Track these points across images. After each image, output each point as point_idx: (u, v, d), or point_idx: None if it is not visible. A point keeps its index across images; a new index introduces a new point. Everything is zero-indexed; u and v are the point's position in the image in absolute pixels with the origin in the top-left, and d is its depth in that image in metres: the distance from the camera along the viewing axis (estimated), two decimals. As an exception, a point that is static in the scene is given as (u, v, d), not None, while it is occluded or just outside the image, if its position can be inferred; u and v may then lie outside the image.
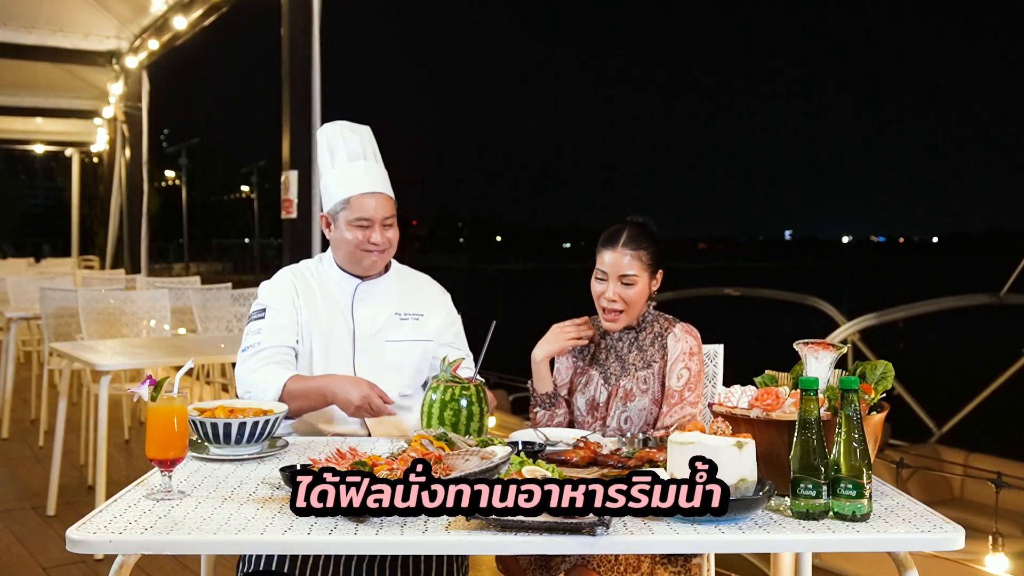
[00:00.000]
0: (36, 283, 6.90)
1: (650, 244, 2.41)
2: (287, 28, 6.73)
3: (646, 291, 2.41)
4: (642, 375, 2.41)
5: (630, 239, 2.39)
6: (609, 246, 2.41)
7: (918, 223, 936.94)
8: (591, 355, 2.51)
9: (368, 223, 2.43)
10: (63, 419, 4.41)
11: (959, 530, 1.56)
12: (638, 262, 2.38)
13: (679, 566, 2.06)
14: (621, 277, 2.38)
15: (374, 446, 2.09)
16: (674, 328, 2.44)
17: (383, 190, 2.48)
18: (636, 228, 2.42)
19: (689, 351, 2.40)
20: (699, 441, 1.63)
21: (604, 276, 2.40)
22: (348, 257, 2.48)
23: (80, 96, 13.07)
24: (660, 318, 2.48)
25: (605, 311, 2.41)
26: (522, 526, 1.52)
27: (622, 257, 2.38)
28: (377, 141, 2.56)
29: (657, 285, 2.46)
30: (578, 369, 2.52)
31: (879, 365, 1.86)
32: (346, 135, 2.49)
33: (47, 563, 3.82)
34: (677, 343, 2.41)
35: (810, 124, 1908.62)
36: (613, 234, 2.42)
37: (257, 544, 1.56)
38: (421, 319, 2.53)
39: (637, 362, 2.43)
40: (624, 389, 2.41)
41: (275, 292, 2.50)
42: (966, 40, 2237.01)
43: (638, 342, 2.46)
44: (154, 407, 1.76)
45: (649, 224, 2.47)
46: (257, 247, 46.42)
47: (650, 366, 2.42)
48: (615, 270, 2.38)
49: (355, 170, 2.46)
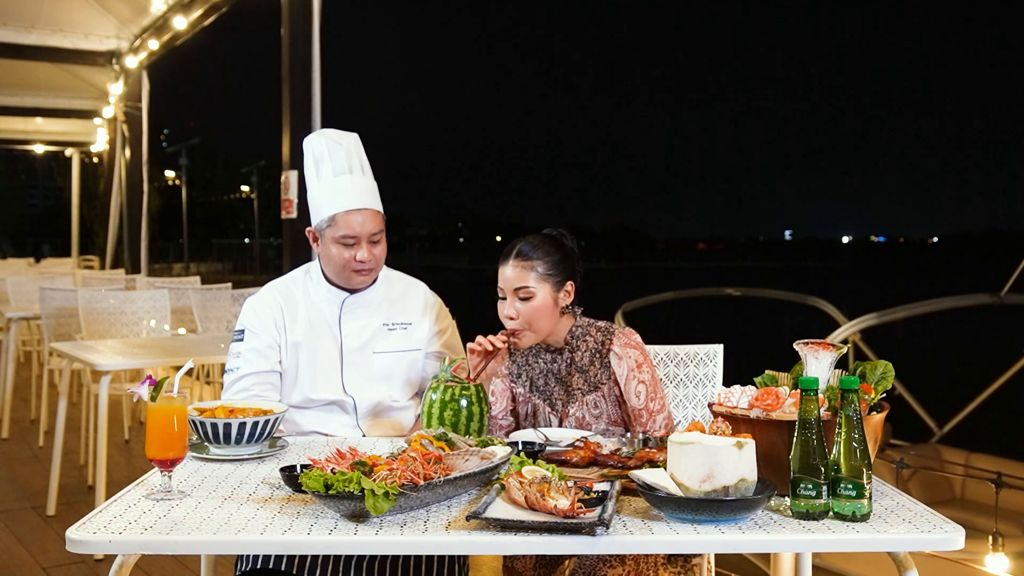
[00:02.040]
0: (36, 283, 6.91)
1: (548, 254, 2.27)
2: (287, 28, 6.73)
3: (550, 304, 2.26)
4: (591, 399, 2.30)
5: (523, 251, 2.26)
6: (503, 261, 2.28)
7: (918, 223, 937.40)
8: (530, 381, 2.38)
9: (354, 240, 2.39)
10: (63, 419, 4.41)
11: (959, 530, 1.55)
12: (532, 273, 2.24)
13: (679, 566, 2.06)
14: (516, 291, 2.25)
15: (374, 446, 2.09)
16: (612, 346, 2.29)
17: (369, 205, 2.41)
18: (535, 238, 2.29)
19: (636, 365, 2.28)
20: (699, 441, 1.63)
21: (503, 294, 2.27)
22: (335, 274, 2.46)
23: (80, 96, 13.08)
24: (592, 330, 2.33)
25: (509, 331, 2.26)
26: (522, 526, 1.52)
27: (512, 270, 2.25)
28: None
29: (569, 298, 2.31)
30: (520, 398, 2.39)
31: (879, 365, 1.86)
32: (332, 148, 2.42)
33: (47, 563, 3.82)
34: (621, 362, 2.28)
35: (810, 124, 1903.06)
36: (508, 248, 2.29)
37: (257, 544, 1.56)
38: (409, 328, 2.51)
39: (582, 386, 2.31)
40: (575, 418, 2.31)
41: (256, 313, 2.47)
42: (966, 40, 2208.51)
43: (576, 363, 2.32)
44: (154, 407, 1.76)
45: (559, 236, 2.33)
46: (257, 247, 46.38)
47: (597, 388, 2.30)
48: (508, 284, 2.26)
49: (340, 185, 2.39)
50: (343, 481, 1.56)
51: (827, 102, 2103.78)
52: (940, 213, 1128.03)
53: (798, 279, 50.26)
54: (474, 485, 1.76)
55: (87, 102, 13.12)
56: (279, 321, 2.46)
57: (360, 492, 1.54)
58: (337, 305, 2.49)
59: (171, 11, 9.85)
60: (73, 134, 15.18)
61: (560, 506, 1.54)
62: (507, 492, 1.63)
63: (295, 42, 6.67)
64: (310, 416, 2.44)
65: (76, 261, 15.48)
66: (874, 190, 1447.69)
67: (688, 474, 1.61)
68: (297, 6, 6.69)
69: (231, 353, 2.45)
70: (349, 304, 2.49)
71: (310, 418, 2.44)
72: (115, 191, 12.85)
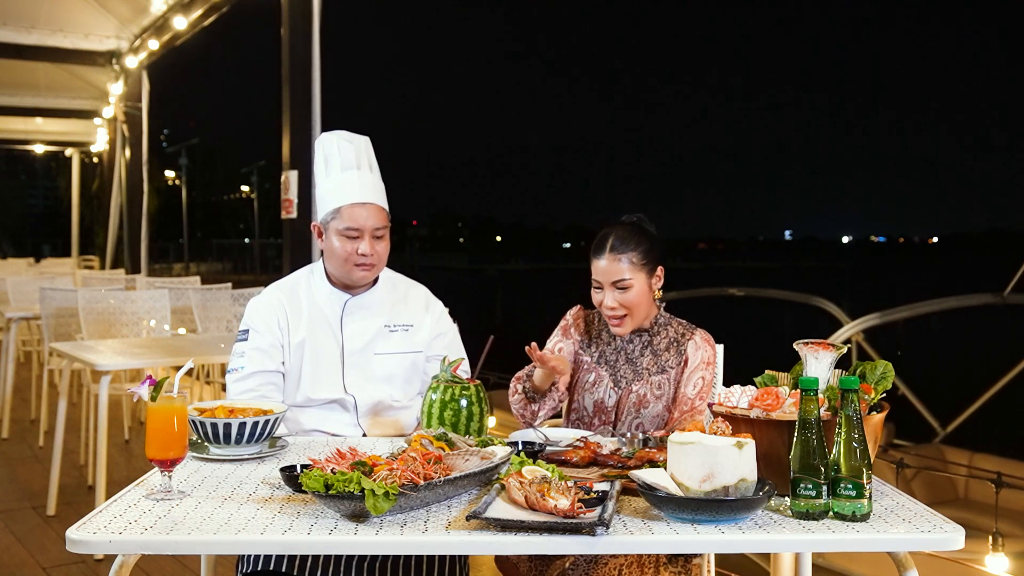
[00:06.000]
0: (36, 283, 6.91)
1: (639, 243, 2.36)
2: (287, 28, 6.73)
3: (646, 291, 2.38)
4: (656, 380, 2.39)
5: (616, 244, 2.36)
6: (597, 255, 2.38)
7: (918, 223, 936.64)
8: (599, 353, 2.47)
9: (357, 233, 2.40)
10: (63, 419, 4.41)
11: (959, 530, 1.55)
12: (629, 264, 2.35)
13: (679, 566, 2.06)
14: (615, 283, 2.35)
15: (374, 446, 2.09)
16: (695, 336, 2.42)
17: (375, 200, 2.44)
18: (623, 230, 2.38)
19: (708, 361, 2.40)
20: (699, 441, 1.63)
21: (599, 285, 2.38)
22: (337, 268, 2.46)
23: (80, 96, 13.08)
24: (673, 322, 2.46)
25: (609, 319, 2.39)
26: (522, 526, 1.52)
27: (611, 264, 2.35)
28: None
29: (660, 282, 2.42)
30: (584, 366, 2.48)
31: (879, 365, 1.86)
32: (342, 145, 2.46)
33: (47, 563, 3.82)
34: (697, 351, 2.40)
35: (810, 124, 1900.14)
36: (600, 241, 2.39)
37: (257, 544, 1.56)
38: (411, 330, 2.52)
39: (651, 367, 2.41)
40: (637, 395, 2.39)
41: (260, 313, 2.48)
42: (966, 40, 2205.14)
43: (652, 346, 2.43)
44: (154, 407, 1.76)
45: (642, 222, 2.43)
46: (257, 247, 46.40)
47: (664, 371, 2.40)
48: (607, 278, 2.36)
49: (347, 180, 2.42)
50: (343, 481, 1.56)
51: (827, 102, 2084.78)
52: (940, 213, 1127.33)
53: (798, 279, 50.25)
54: (474, 485, 1.76)
55: (87, 102, 13.12)
56: (282, 322, 2.46)
57: (360, 492, 1.54)
58: (339, 306, 2.49)
59: (171, 11, 9.85)
60: (73, 134, 15.18)
61: (560, 506, 1.54)
62: (507, 492, 1.63)
63: (295, 42, 6.67)
64: (311, 414, 2.45)
65: (76, 261, 15.49)
66: (874, 190, 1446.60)
67: (688, 474, 1.61)
68: (297, 6, 6.69)
69: (235, 353, 2.46)
70: (351, 306, 2.49)
71: (311, 416, 2.45)
72: (115, 191, 12.85)
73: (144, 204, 12.08)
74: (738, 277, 69.41)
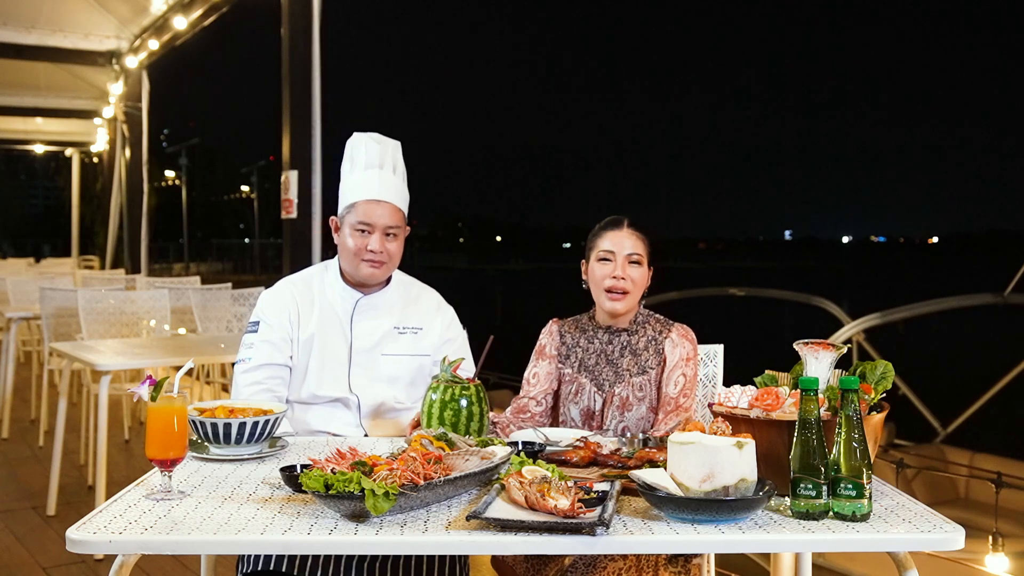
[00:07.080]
0: (36, 283, 6.91)
1: (649, 235, 2.41)
2: (287, 28, 6.73)
3: (645, 280, 2.40)
4: (637, 382, 2.37)
5: (634, 223, 2.40)
6: (614, 228, 2.40)
7: (918, 223, 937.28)
8: (579, 362, 2.46)
9: (369, 228, 2.42)
10: (63, 419, 4.41)
11: (959, 530, 1.55)
12: (643, 244, 2.38)
13: (679, 566, 2.06)
14: (628, 256, 2.36)
15: (374, 446, 2.09)
16: (671, 333, 2.40)
17: (391, 200, 2.45)
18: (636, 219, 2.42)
19: (687, 357, 2.38)
20: (699, 441, 1.63)
21: (610, 256, 2.38)
22: (347, 263, 2.47)
23: (80, 96, 13.08)
24: (652, 319, 2.44)
25: (612, 290, 2.36)
26: (522, 526, 1.52)
27: (628, 238, 2.38)
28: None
29: (648, 283, 2.44)
30: (566, 377, 2.46)
31: (879, 365, 1.86)
32: (369, 144, 2.49)
33: (47, 563, 3.82)
34: (675, 348, 2.38)
35: (810, 124, 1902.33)
36: (614, 219, 2.42)
37: (257, 544, 1.56)
38: (420, 333, 2.53)
39: (631, 367, 2.39)
40: (620, 397, 2.37)
41: (272, 305, 2.49)
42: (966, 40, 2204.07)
43: (631, 346, 2.41)
44: (154, 407, 1.76)
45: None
46: (257, 247, 46.41)
47: (645, 372, 2.38)
48: (622, 249, 2.37)
49: (368, 177, 2.45)
50: (343, 481, 1.56)
51: (827, 102, 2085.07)
52: (940, 213, 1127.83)
53: (798, 279, 50.25)
54: (474, 485, 1.76)
55: (87, 102, 13.12)
56: (293, 316, 2.47)
57: (360, 492, 1.54)
58: (350, 305, 2.50)
59: (171, 11, 9.84)
60: (73, 134, 15.18)
61: (560, 506, 1.54)
62: (507, 492, 1.63)
63: (295, 42, 6.66)
64: (314, 412, 2.45)
65: (76, 261, 15.50)
66: (874, 190, 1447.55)
67: (688, 474, 1.61)
68: (297, 6, 6.68)
69: (244, 344, 2.47)
70: (362, 305, 2.50)
71: (314, 414, 2.45)
72: (115, 191, 12.85)
73: (144, 204, 12.08)
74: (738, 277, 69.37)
